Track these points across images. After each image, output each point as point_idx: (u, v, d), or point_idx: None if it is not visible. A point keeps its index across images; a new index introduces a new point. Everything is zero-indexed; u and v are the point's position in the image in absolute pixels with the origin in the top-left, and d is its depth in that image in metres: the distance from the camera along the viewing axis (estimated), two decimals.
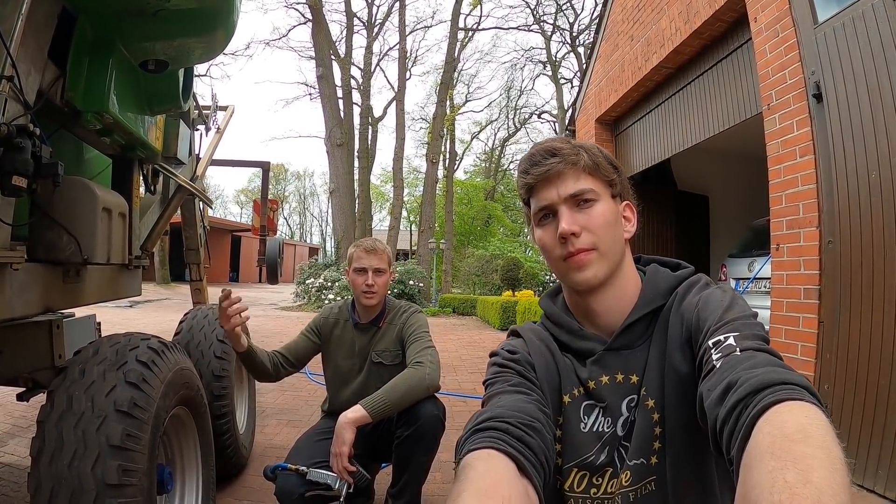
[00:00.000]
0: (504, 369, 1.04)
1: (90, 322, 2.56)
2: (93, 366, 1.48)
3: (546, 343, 1.09)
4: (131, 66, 1.81)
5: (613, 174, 1.05)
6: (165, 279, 22.36)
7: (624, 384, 1.00)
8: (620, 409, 1.00)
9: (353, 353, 2.42)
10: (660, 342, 0.98)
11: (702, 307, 0.92)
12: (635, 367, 1.00)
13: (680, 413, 0.92)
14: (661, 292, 1.04)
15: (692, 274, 1.07)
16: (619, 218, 1.05)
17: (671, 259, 1.13)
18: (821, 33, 3.38)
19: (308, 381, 5.56)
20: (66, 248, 1.57)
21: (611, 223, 1.01)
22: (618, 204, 1.06)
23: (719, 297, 0.93)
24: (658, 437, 0.95)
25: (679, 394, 0.93)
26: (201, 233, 3.76)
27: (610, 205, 1.03)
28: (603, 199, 1.02)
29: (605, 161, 1.05)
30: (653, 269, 1.10)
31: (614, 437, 1.00)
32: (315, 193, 65.98)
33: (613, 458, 0.99)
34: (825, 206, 3.36)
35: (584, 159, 1.02)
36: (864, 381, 2.97)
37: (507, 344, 1.12)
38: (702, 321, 0.90)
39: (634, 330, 1.02)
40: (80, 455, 1.28)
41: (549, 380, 1.04)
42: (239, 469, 2.88)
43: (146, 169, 2.40)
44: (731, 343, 0.79)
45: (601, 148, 1.08)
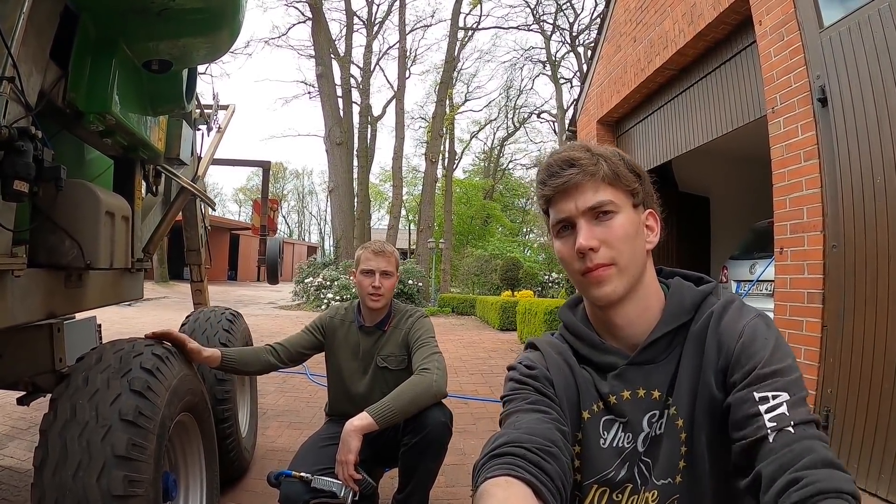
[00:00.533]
0: (522, 386, 1.02)
1: (91, 324, 2.54)
2: (97, 373, 1.45)
3: (565, 357, 1.07)
4: (134, 66, 1.79)
5: (635, 182, 1.02)
6: (164, 278, 22.30)
7: (646, 399, 0.99)
8: (642, 424, 0.99)
9: (356, 355, 2.40)
10: (693, 361, 0.96)
11: (746, 342, 0.90)
12: (658, 383, 0.99)
13: (707, 435, 0.91)
14: (685, 308, 1.01)
15: (713, 290, 1.05)
16: (641, 229, 1.02)
17: (693, 273, 1.11)
18: (826, 37, 3.36)
19: (309, 382, 5.54)
20: (69, 252, 1.54)
21: (630, 236, 0.98)
22: (640, 213, 1.03)
23: (763, 333, 0.90)
24: (683, 457, 0.94)
25: (708, 416, 0.91)
26: (202, 233, 3.74)
27: (630, 216, 1.00)
28: (623, 210, 0.99)
29: (626, 169, 1.01)
30: (677, 283, 1.06)
31: (634, 453, 0.98)
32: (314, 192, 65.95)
33: (633, 474, 0.98)
34: (830, 211, 3.35)
35: (603, 169, 0.98)
36: (867, 386, 2.96)
37: (525, 358, 1.10)
38: (745, 357, 0.88)
39: (658, 345, 1.00)
40: (84, 465, 1.25)
41: (568, 396, 1.02)
42: (241, 473, 2.86)
43: (148, 170, 2.38)
44: (784, 412, 0.80)
45: (623, 154, 1.04)
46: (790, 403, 0.80)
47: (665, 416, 0.97)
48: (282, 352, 2.35)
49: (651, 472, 0.97)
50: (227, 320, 2.79)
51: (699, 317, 0.99)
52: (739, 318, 0.93)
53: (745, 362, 0.87)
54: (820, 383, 3.28)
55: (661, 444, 0.96)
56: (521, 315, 9.43)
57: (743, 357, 0.88)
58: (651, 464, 0.97)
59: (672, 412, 0.96)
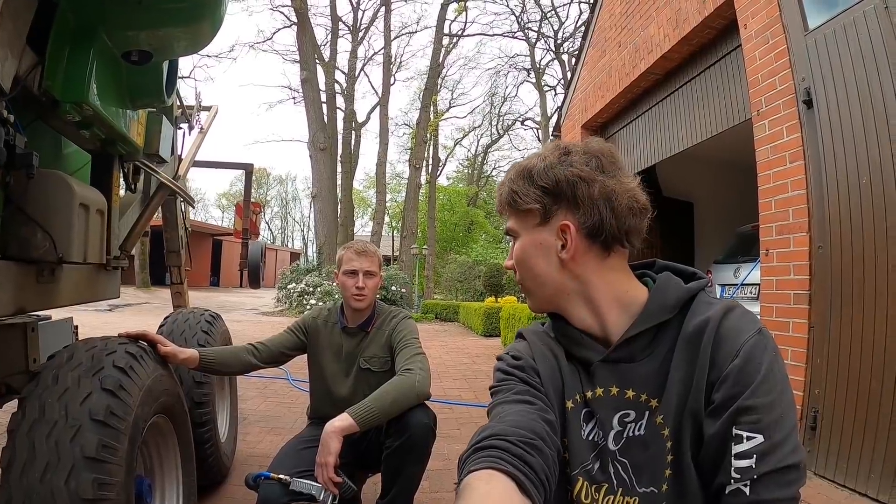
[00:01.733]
0: (508, 377, 1.02)
1: (67, 325, 2.46)
2: (67, 371, 1.38)
3: (551, 347, 1.06)
4: (113, 57, 1.72)
5: (535, 202, 0.98)
6: (145, 283, 22.04)
7: (618, 398, 0.96)
8: (612, 422, 0.96)
9: (339, 357, 2.35)
10: (685, 369, 0.91)
11: (740, 364, 0.85)
12: (635, 382, 0.96)
13: (690, 447, 0.89)
14: (667, 306, 0.96)
15: (703, 287, 1.00)
16: (546, 246, 0.99)
17: (687, 267, 1.06)
18: (811, 40, 3.39)
19: (291, 387, 5.45)
20: (41, 245, 1.47)
21: (525, 260, 1.02)
22: (547, 230, 0.98)
23: (759, 356, 0.85)
24: (669, 465, 0.91)
25: (694, 430, 0.89)
26: (182, 235, 3.65)
27: (528, 239, 1.01)
28: (522, 234, 1.02)
29: (526, 187, 0.99)
30: (664, 279, 1.01)
31: (606, 450, 0.96)
32: (297, 198, 65.70)
33: (609, 473, 0.96)
34: (815, 212, 3.36)
35: (503, 197, 1.03)
36: (855, 385, 2.96)
37: (513, 348, 1.09)
38: (733, 380, 0.85)
39: (636, 343, 0.96)
40: (52, 467, 1.18)
41: (554, 385, 1.01)
42: (220, 478, 2.77)
43: (127, 166, 2.30)
44: (751, 465, 0.80)
45: (534, 168, 0.99)
46: (761, 451, 0.80)
47: (645, 418, 0.95)
48: (263, 351, 2.29)
49: (630, 475, 0.94)
50: (206, 321, 2.72)
51: (689, 317, 0.94)
52: (739, 333, 0.88)
53: (731, 385, 0.84)
54: (807, 384, 3.28)
55: (642, 447, 0.94)
56: (504, 321, 9.41)
57: (731, 378, 0.85)
58: (629, 465, 0.95)
59: (658, 420, 0.93)
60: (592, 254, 0.98)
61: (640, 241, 1.00)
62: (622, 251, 0.99)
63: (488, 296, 15.62)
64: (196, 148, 3.86)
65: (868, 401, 2.87)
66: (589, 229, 0.96)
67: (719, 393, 0.85)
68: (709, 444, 0.85)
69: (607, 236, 0.96)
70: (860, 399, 2.92)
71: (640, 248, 1.01)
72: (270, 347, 2.31)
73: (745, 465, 0.80)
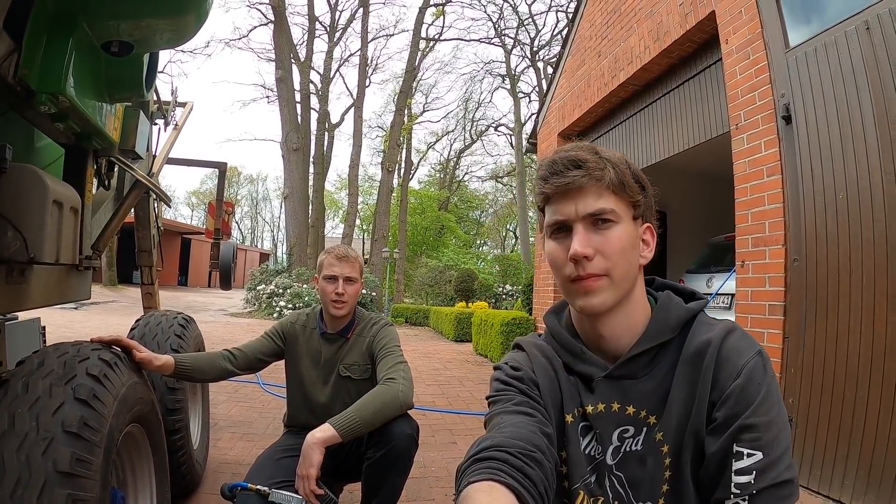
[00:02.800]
0: (507, 387, 1.01)
1: (34, 326, 2.35)
2: (38, 379, 1.29)
3: (550, 360, 1.05)
4: (93, 47, 1.64)
5: (639, 194, 0.99)
6: (112, 281, 21.50)
7: (619, 414, 0.97)
8: (611, 438, 0.97)
9: (318, 363, 2.28)
10: (687, 390, 0.93)
11: (742, 384, 0.88)
12: (636, 399, 0.97)
13: (690, 464, 0.91)
14: (670, 325, 0.98)
15: (703, 308, 1.02)
16: (637, 242, 0.99)
17: (686, 287, 1.08)
18: (792, 57, 3.45)
19: (262, 392, 5.33)
20: (11, 244, 1.38)
21: (627, 249, 0.95)
22: (638, 226, 0.99)
23: (759, 377, 0.88)
24: (667, 481, 0.93)
25: (695, 448, 0.91)
26: (155, 234, 3.54)
27: (630, 228, 0.97)
28: (623, 221, 0.96)
29: (632, 179, 0.98)
30: (665, 298, 1.03)
31: (603, 465, 0.97)
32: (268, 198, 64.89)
33: (605, 487, 0.97)
34: (791, 225, 3.41)
35: (609, 175, 0.94)
36: (829, 395, 3.01)
37: (511, 358, 1.08)
38: (734, 400, 0.87)
39: (638, 361, 0.98)
40: (24, 483, 1.10)
41: (553, 399, 1.01)
42: (193, 487, 2.67)
43: (100, 162, 2.20)
44: (750, 480, 0.83)
45: (630, 163, 1.00)
46: (760, 467, 0.82)
47: (643, 434, 0.96)
48: (240, 357, 2.22)
49: (626, 489, 0.95)
50: (178, 325, 2.62)
51: (690, 338, 0.96)
52: (740, 354, 0.90)
53: (732, 405, 0.87)
54: (782, 392, 3.30)
55: (639, 462, 0.95)
56: (476, 326, 9.40)
57: (733, 398, 0.87)
58: (625, 480, 0.96)
59: (658, 436, 0.94)
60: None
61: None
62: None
63: (459, 301, 15.61)
64: (170, 145, 3.76)
65: (842, 409, 2.92)
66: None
67: (721, 412, 0.88)
68: (710, 461, 0.87)
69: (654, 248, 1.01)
70: (834, 407, 2.97)
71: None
72: (247, 354, 2.25)
73: (745, 480, 0.82)
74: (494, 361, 8.08)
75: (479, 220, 44.12)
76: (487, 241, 45.76)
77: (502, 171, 40.98)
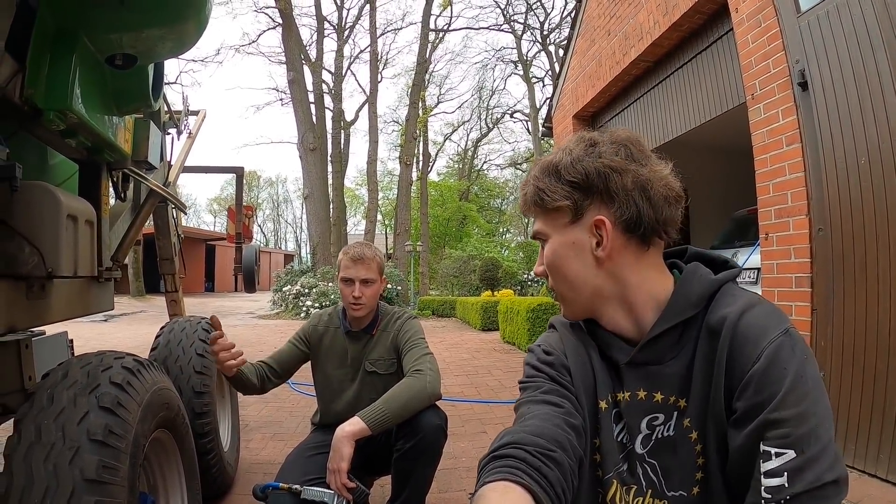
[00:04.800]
0: (538, 373, 0.99)
1: (61, 340, 2.40)
2: (62, 390, 1.33)
3: (584, 342, 1.01)
4: (97, 62, 1.67)
5: (565, 199, 0.91)
6: (140, 291, 21.90)
7: (647, 402, 0.92)
8: (640, 426, 0.93)
9: (344, 362, 2.29)
10: (705, 370, 0.86)
11: (762, 368, 0.78)
12: (663, 385, 0.91)
13: (719, 452, 0.85)
14: (691, 301, 0.89)
15: (733, 278, 0.92)
16: (579, 247, 0.93)
17: (720, 255, 0.99)
18: (804, 22, 3.35)
19: (291, 391, 5.40)
20: (29, 260, 1.42)
21: (559, 264, 0.95)
22: (579, 228, 0.92)
23: (784, 361, 0.78)
24: (701, 468, 0.87)
25: (718, 437, 0.85)
26: (175, 242, 3.59)
27: (559, 241, 0.95)
28: (552, 236, 0.96)
29: (552, 184, 0.92)
30: (689, 271, 0.94)
31: (633, 453, 0.93)
32: (288, 199, 65.51)
33: (638, 475, 0.93)
34: (814, 194, 3.33)
35: (528, 199, 0.96)
36: (860, 367, 2.94)
37: (545, 341, 1.05)
38: (755, 388, 0.78)
39: (661, 343, 0.90)
40: (52, 493, 1.13)
41: (585, 384, 0.97)
42: (225, 489, 2.72)
43: (115, 175, 2.25)
44: (783, 483, 0.74)
45: (557, 161, 0.93)
46: (793, 468, 0.73)
47: (673, 419, 0.91)
48: (275, 367, 2.26)
49: (659, 477, 0.91)
50: (203, 330, 2.66)
51: (711, 312, 0.87)
52: (762, 334, 0.80)
53: (753, 393, 0.78)
54: None
55: (671, 449, 0.90)
56: (502, 314, 9.38)
57: (753, 386, 0.78)
58: (658, 467, 0.91)
59: (686, 422, 0.89)
60: (630, 249, 0.92)
61: (676, 232, 0.94)
62: (659, 244, 0.94)
63: (484, 290, 15.59)
64: (185, 153, 3.80)
65: (874, 382, 2.85)
66: (626, 223, 0.90)
67: (741, 401, 0.80)
68: (734, 458, 0.81)
69: (645, 229, 0.90)
70: (866, 380, 2.90)
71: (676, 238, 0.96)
72: (280, 363, 2.28)
73: (776, 483, 0.74)
74: (522, 348, 8.10)
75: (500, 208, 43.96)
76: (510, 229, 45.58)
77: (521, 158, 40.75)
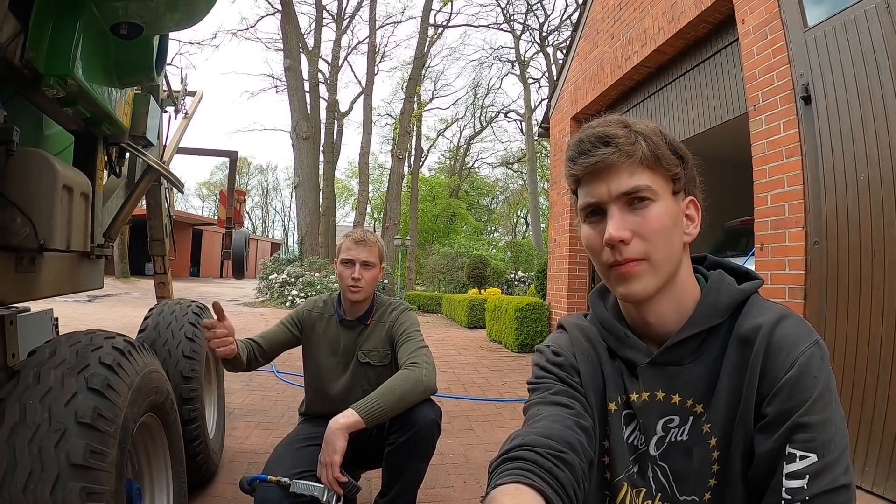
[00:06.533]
0: (547, 374, 0.97)
1: (47, 317, 2.32)
2: (49, 370, 1.27)
3: (594, 343, 0.99)
4: (101, 30, 1.60)
5: (677, 166, 0.90)
6: (125, 273, 21.69)
7: (664, 403, 0.91)
8: (655, 428, 0.91)
9: (336, 351, 2.25)
10: (735, 377, 0.86)
11: (795, 376, 0.80)
12: (682, 387, 0.90)
13: (744, 458, 0.84)
14: (719, 309, 0.89)
15: (758, 288, 0.92)
16: (680, 219, 0.91)
17: (740, 266, 0.99)
18: (811, 37, 3.36)
19: (277, 380, 5.34)
20: (21, 231, 1.35)
21: (668, 228, 0.87)
22: (679, 201, 0.91)
23: (815, 370, 0.80)
24: (715, 475, 0.87)
25: (745, 444, 0.84)
26: (167, 223, 3.52)
27: (669, 205, 0.89)
28: (661, 198, 0.88)
29: (668, 151, 0.89)
30: (717, 278, 0.94)
31: (646, 455, 0.92)
32: (278, 188, 65.13)
33: (648, 478, 0.91)
34: (812, 207, 3.34)
35: (642, 150, 0.87)
36: (850, 379, 2.95)
37: (553, 342, 1.03)
38: (787, 394, 0.80)
39: (685, 346, 0.90)
40: (36, 476, 1.07)
41: (595, 386, 0.96)
42: (209, 477, 2.66)
43: (111, 149, 2.17)
44: (803, 485, 0.76)
45: (665, 133, 0.91)
46: (814, 471, 0.76)
47: (689, 423, 0.89)
48: (263, 346, 2.20)
49: (671, 481, 0.90)
50: (193, 313, 2.61)
51: (740, 321, 0.88)
52: (795, 343, 0.82)
53: (785, 399, 0.80)
54: None
55: (685, 453, 0.89)
56: (490, 313, 9.37)
57: (785, 392, 0.80)
58: (668, 471, 0.90)
59: (705, 428, 0.88)
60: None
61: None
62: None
63: (471, 287, 15.58)
64: (181, 133, 3.73)
65: (863, 394, 2.86)
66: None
67: (771, 407, 0.80)
68: (759, 462, 0.81)
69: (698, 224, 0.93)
70: (855, 393, 2.91)
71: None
72: (269, 342, 2.23)
73: (797, 485, 0.76)
74: (509, 347, 8.08)
75: (489, 206, 44.00)
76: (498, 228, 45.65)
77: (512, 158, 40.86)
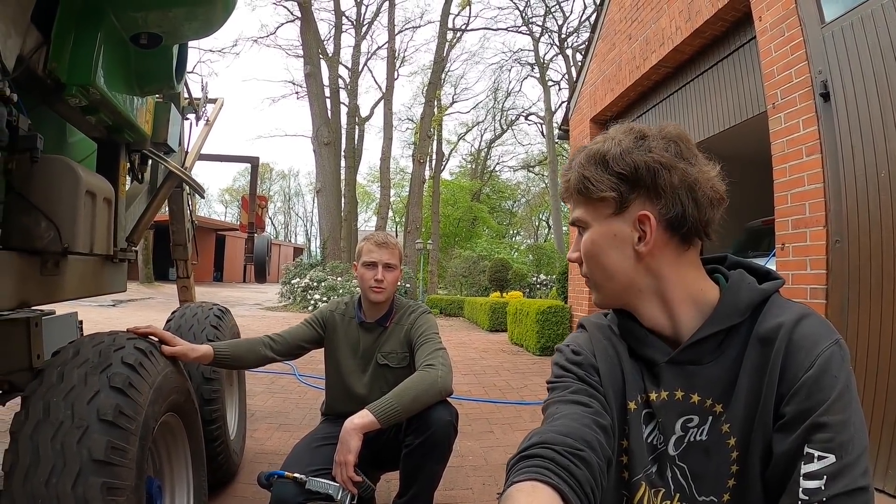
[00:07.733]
0: (566, 373, 0.98)
1: (71, 320, 2.39)
2: (73, 368, 1.32)
3: (613, 343, 1.00)
4: (122, 40, 1.66)
5: (611, 190, 0.90)
6: (149, 278, 22.05)
7: (683, 402, 0.91)
8: (674, 427, 0.92)
9: (356, 353, 2.28)
10: (755, 377, 0.86)
11: (815, 376, 0.80)
12: (702, 386, 0.90)
13: (763, 458, 0.84)
14: (739, 309, 0.89)
15: (779, 287, 0.92)
16: (621, 239, 0.92)
17: (761, 266, 0.98)
18: (828, 32, 3.32)
19: (298, 383, 5.40)
20: (45, 234, 1.40)
21: (596, 253, 0.95)
22: (623, 221, 0.91)
23: (835, 369, 0.80)
24: (734, 475, 0.87)
25: (763, 444, 0.84)
26: (189, 228, 3.60)
27: (600, 230, 0.94)
28: (593, 225, 0.95)
29: (598, 174, 0.91)
30: (737, 278, 0.94)
31: (665, 455, 0.92)
32: (300, 193, 65.78)
33: (667, 478, 0.91)
34: (832, 206, 3.30)
35: (571, 183, 0.96)
36: (873, 380, 2.90)
37: (573, 341, 1.04)
38: (806, 393, 0.80)
39: (704, 345, 0.90)
40: (58, 471, 1.12)
41: (614, 385, 0.97)
42: (230, 477, 2.72)
43: (133, 156, 2.24)
44: (820, 486, 0.76)
45: (605, 150, 0.92)
46: (832, 472, 0.75)
47: (708, 423, 0.90)
48: (280, 342, 2.23)
49: (689, 482, 0.90)
50: (214, 316, 2.66)
51: (761, 320, 0.88)
52: (816, 342, 0.82)
53: (804, 398, 0.80)
54: None
55: (703, 453, 0.89)
56: (511, 316, 9.35)
57: (804, 391, 0.80)
58: (687, 471, 0.90)
59: (724, 428, 0.88)
60: (671, 247, 0.91)
61: (715, 234, 0.93)
62: (698, 244, 0.94)
63: (493, 291, 15.56)
64: (202, 140, 3.81)
65: (887, 396, 2.81)
66: (669, 221, 0.89)
67: (790, 406, 0.81)
68: (777, 462, 0.81)
69: (689, 229, 0.90)
70: (878, 394, 2.86)
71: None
72: (288, 340, 2.25)
73: (814, 486, 0.76)
74: (530, 350, 8.07)
75: (511, 210, 43.91)
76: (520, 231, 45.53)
77: (534, 161, 40.72)
